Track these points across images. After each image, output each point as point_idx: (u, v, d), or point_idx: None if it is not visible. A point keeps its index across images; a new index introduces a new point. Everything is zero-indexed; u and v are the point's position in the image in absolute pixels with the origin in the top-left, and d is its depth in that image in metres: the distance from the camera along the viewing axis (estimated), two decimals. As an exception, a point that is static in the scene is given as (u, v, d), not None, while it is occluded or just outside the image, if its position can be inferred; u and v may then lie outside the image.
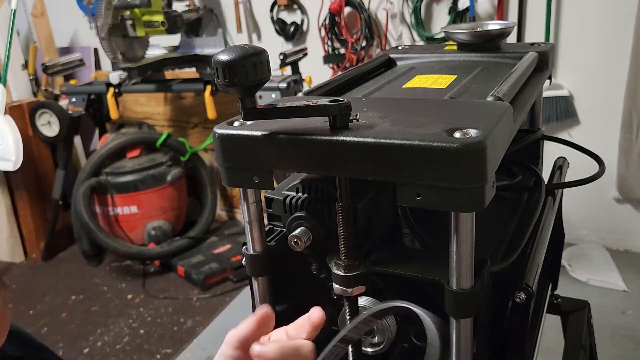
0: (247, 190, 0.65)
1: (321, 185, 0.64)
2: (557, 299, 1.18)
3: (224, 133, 0.60)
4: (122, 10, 2.45)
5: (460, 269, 0.54)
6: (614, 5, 2.19)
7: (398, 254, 0.63)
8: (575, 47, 2.32)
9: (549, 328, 0.98)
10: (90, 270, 2.81)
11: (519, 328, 0.64)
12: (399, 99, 0.73)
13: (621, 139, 2.32)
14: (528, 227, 0.75)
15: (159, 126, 3.25)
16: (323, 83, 0.81)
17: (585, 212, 2.48)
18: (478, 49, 0.96)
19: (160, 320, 2.31)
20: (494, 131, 0.51)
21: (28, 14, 3.20)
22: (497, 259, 0.67)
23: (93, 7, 3.17)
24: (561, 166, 1.03)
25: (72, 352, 2.17)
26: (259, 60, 0.52)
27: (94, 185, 2.72)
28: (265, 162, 0.58)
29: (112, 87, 2.61)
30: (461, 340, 0.57)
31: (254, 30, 2.94)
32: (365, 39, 2.62)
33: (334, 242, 0.63)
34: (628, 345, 1.91)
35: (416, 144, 0.50)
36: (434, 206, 0.51)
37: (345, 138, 0.53)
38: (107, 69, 3.39)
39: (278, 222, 0.70)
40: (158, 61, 2.69)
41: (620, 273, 2.30)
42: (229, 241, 2.83)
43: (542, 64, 0.91)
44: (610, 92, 2.30)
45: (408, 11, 2.54)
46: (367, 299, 0.64)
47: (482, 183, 0.49)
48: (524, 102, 0.73)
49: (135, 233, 2.83)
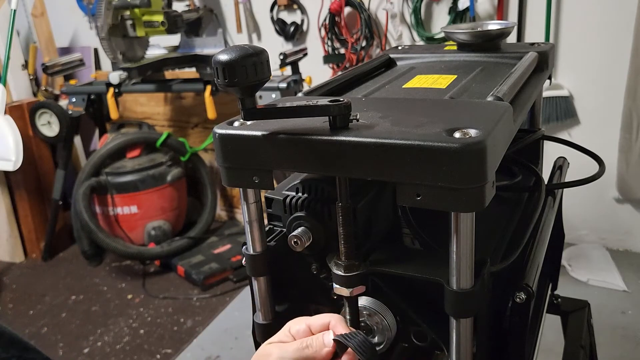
0: (247, 190, 0.65)
1: (321, 185, 0.65)
2: (557, 299, 1.18)
3: (224, 133, 0.60)
4: (122, 10, 2.45)
5: (460, 269, 0.54)
6: (615, 5, 2.19)
7: (398, 254, 0.63)
8: (575, 47, 2.32)
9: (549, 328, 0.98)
10: (90, 270, 2.81)
11: (519, 328, 0.64)
12: (399, 99, 0.73)
13: (621, 139, 2.32)
14: (528, 227, 0.75)
15: (159, 126, 3.25)
16: (323, 83, 0.81)
17: (585, 212, 2.48)
18: (478, 49, 0.96)
19: (160, 320, 2.31)
20: (494, 131, 0.51)
21: (28, 14, 3.20)
22: (497, 259, 0.67)
23: (93, 7, 3.17)
24: (561, 166, 1.03)
25: (72, 352, 2.17)
26: (259, 60, 0.52)
27: (94, 185, 2.72)
28: (265, 162, 0.58)
29: (112, 87, 2.61)
30: (461, 340, 0.57)
31: (254, 30, 2.94)
32: (365, 39, 2.62)
33: (334, 242, 0.63)
34: (628, 345, 1.91)
35: (416, 144, 0.50)
36: (434, 206, 0.51)
37: (345, 138, 0.53)
38: (107, 69, 3.39)
39: (278, 222, 0.70)
40: (158, 61, 2.69)
41: (620, 273, 2.30)
42: (229, 241, 2.83)
43: (542, 64, 0.91)
44: (610, 92, 2.30)
45: (408, 11, 2.54)
46: (367, 299, 0.64)
47: (482, 183, 0.49)
48: (524, 102, 0.73)
49: (135, 233, 2.83)
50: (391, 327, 0.64)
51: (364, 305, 0.64)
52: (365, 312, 0.65)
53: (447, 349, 0.59)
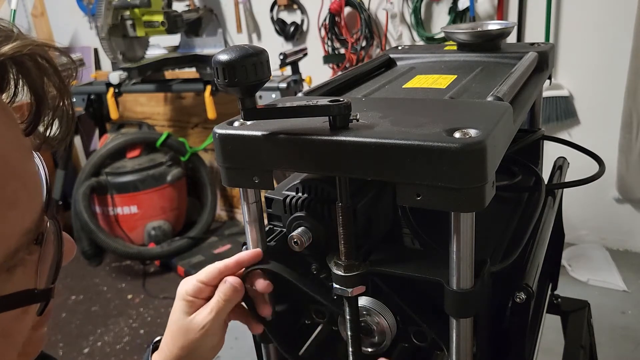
0: (247, 190, 0.65)
1: (321, 185, 0.64)
2: (557, 299, 1.18)
3: (224, 133, 0.60)
4: (122, 10, 2.45)
5: (460, 269, 0.54)
6: (614, 5, 2.19)
7: (398, 254, 0.63)
8: (575, 47, 2.32)
9: (549, 328, 0.98)
10: (90, 270, 2.81)
11: (519, 328, 0.64)
12: (399, 99, 0.73)
13: (621, 139, 2.32)
14: (528, 227, 0.75)
15: (159, 126, 3.25)
16: (323, 83, 0.81)
17: (585, 212, 2.48)
18: (478, 49, 0.96)
19: (160, 320, 2.31)
20: (494, 131, 0.51)
21: (28, 14, 3.20)
22: (497, 259, 0.67)
23: (93, 7, 3.17)
24: (561, 166, 1.03)
25: (72, 352, 2.17)
26: (259, 60, 0.52)
27: (94, 185, 2.72)
28: (265, 162, 0.58)
29: (112, 87, 2.61)
30: (461, 340, 0.57)
31: (254, 30, 2.94)
32: (365, 39, 2.62)
33: (334, 242, 0.63)
34: (628, 345, 1.91)
35: (416, 144, 0.50)
36: (434, 206, 0.50)
37: (345, 138, 0.53)
38: (107, 69, 3.39)
39: (278, 222, 0.70)
40: (158, 61, 2.69)
41: (620, 273, 2.30)
42: (229, 241, 2.83)
43: (542, 64, 0.91)
44: (610, 92, 2.30)
45: (408, 11, 2.54)
46: (367, 299, 0.64)
47: (482, 183, 0.49)
48: (524, 102, 0.73)
49: (135, 233, 2.83)
50: (391, 327, 0.64)
51: (364, 305, 0.64)
52: (365, 312, 0.65)
53: (447, 349, 0.59)
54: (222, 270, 0.66)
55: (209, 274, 0.66)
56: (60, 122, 0.39)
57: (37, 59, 0.35)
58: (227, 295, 0.65)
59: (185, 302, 0.66)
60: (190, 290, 0.65)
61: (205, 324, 0.64)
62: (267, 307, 0.68)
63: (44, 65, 0.36)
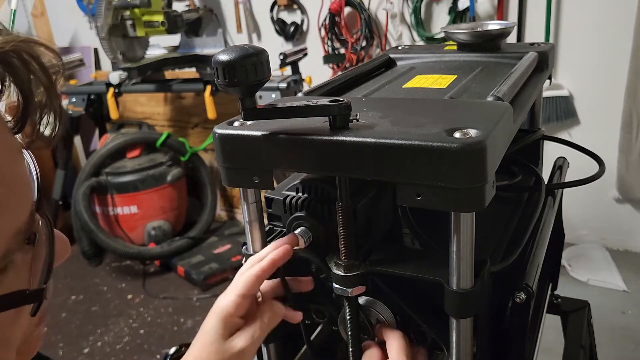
0: (247, 190, 0.65)
1: (321, 185, 0.64)
2: (557, 299, 1.18)
3: (224, 133, 0.60)
4: (122, 10, 2.45)
5: (460, 269, 0.54)
6: (614, 5, 2.19)
7: (398, 254, 0.63)
8: (575, 47, 2.32)
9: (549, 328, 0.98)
10: (90, 270, 2.81)
11: (519, 328, 0.64)
12: (399, 99, 0.73)
13: (621, 139, 2.32)
14: (528, 227, 0.75)
15: (159, 126, 3.25)
16: (323, 83, 0.81)
17: (585, 212, 2.48)
18: (478, 49, 0.96)
19: (160, 320, 2.31)
20: (494, 131, 0.51)
21: (28, 14, 3.20)
22: (497, 259, 0.67)
23: (93, 7, 3.17)
24: (561, 166, 1.03)
25: (72, 352, 2.17)
26: (259, 60, 0.52)
27: (94, 185, 2.72)
28: (265, 162, 0.58)
29: (112, 87, 2.61)
30: (461, 340, 0.57)
31: (254, 30, 2.94)
32: (365, 39, 2.62)
33: (334, 242, 0.63)
34: (628, 345, 1.91)
35: (416, 144, 0.50)
36: (434, 206, 0.50)
37: (345, 138, 0.53)
38: (107, 69, 3.39)
39: (278, 222, 0.70)
40: (158, 61, 2.69)
41: (620, 273, 2.30)
42: (229, 241, 2.83)
43: (542, 64, 0.91)
44: (610, 92, 2.30)
45: (408, 11, 2.54)
46: (367, 298, 0.64)
47: (482, 183, 0.49)
48: (524, 102, 0.73)
49: (135, 233, 2.83)
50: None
51: (364, 305, 0.64)
52: (365, 312, 0.65)
53: (447, 349, 0.59)
54: (259, 275, 0.63)
55: (248, 284, 0.63)
56: (49, 119, 0.38)
57: (22, 55, 0.34)
58: (270, 322, 0.64)
59: (223, 322, 0.62)
60: (232, 309, 0.62)
61: (245, 349, 0.62)
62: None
63: (29, 62, 0.35)
